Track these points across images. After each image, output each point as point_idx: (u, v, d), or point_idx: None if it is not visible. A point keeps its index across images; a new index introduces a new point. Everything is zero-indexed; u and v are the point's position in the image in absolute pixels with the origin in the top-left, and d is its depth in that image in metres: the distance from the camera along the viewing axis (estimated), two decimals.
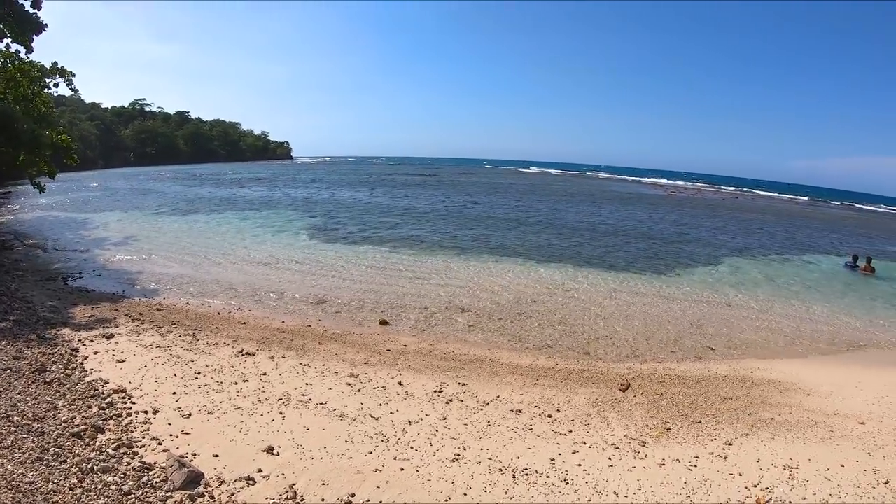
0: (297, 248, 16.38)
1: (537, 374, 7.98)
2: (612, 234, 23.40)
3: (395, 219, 24.05)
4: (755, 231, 28.87)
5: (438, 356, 8.51)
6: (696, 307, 12.48)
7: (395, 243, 17.79)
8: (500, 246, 18.33)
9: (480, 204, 32.52)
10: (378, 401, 6.58)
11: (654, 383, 7.94)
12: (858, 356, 10.16)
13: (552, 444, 5.81)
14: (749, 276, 16.52)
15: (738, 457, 5.79)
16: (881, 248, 26.24)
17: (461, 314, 10.63)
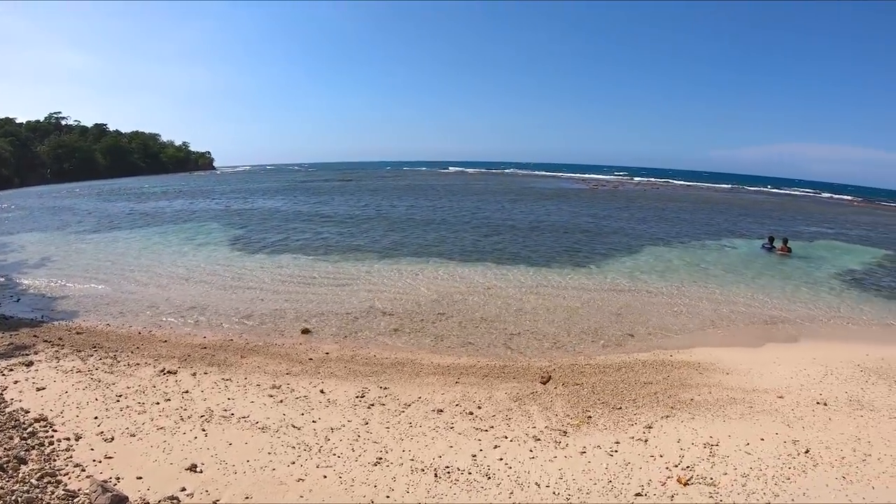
0: (219, 261, 18.39)
1: (459, 373, 9.26)
2: (533, 230, 26.89)
3: (315, 226, 27.06)
4: (674, 219, 33.69)
5: (360, 361, 9.81)
6: (616, 296, 14.59)
7: (316, 250, 20.19)
8: (420, 248, 21.00)
9: (399, 207, 37.08)
10: (300, 410, 7.55)
11: (575, 374, 9.26)
12: (776, 333, 12.23)
13: (473, 441, 6.74)
14: (668, 263, 19.34)
15: (659, 439, 6.84)
16: (796, 230, 31.35)
17: (383, 318, 12.32)
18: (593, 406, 8.05)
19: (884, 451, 6.90)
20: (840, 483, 6.08)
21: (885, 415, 8.05)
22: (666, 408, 8.01)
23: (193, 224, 28.87)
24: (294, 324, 11.89)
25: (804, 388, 9.02)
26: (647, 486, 5.89)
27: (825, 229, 33.89)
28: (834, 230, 33.72)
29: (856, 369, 10.07)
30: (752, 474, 6.17)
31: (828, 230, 33.50)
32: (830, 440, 7.11)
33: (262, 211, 35.29)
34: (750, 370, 9.81)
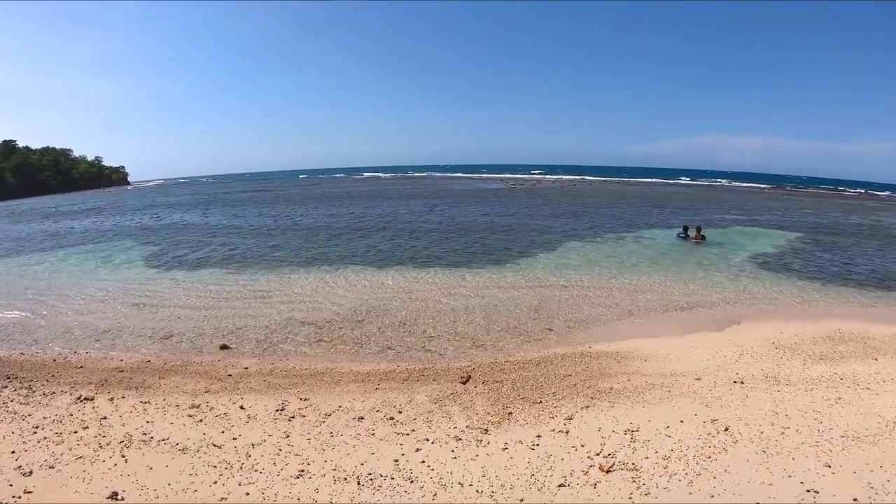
0: (134, 280, 18.15)
1: (379, 379, 9.41)
2: (451, 232, 27.58)
3: (230, 239, 27.12)
4: (590, 215, 35.14)
5: (280, 374, 9.86)
6: (534, 293, 15.09)
7: (232, 264, 20.16)
8: (336, 256, 21.21)
9: (314, 216, 37.27)
10: (220, 428, 7.51)
11: (495, 371, 9.51)
12: (692, 318, 12.88)
13: (395, 446, 6.85)
14: (584, 257, 20.21)
15: (580, 429, 7.06)
16: (710, 218, 33.37)
17: (301, 329, 12.44)
18: (514, 402, 8.24)
19: (801, 422, 7.32)
20: (760, 457, 6.39)
21: (801, 388, 8.57)
22: (586, 398, 8.26)
23: (107, 243, 28.32)
24: (212, 340, 11.91)
25: (721, 368, 9.52)
26: (569, 476, 6.05)
27: (737, 216, 36.19)
28: (745, 217, 36.03)
29: (770, 347, 10.69)
30: (673, 456, 6.41)
31: (740, 217, 35.78)
32: (749, 417, 7.48)
33: (177, 226, 35.00)
34: (667, 356, 10.24)
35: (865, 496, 5.63)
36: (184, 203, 56.95)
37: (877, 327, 12.12)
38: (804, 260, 21.05)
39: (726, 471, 6.09)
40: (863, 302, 15.16)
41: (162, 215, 43.25)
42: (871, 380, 9.00)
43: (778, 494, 5.63)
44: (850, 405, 7.95)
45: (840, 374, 9.28)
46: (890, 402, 8.08)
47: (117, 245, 27.34)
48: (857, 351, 10.55)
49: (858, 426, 7.28)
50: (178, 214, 42.95)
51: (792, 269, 19.16)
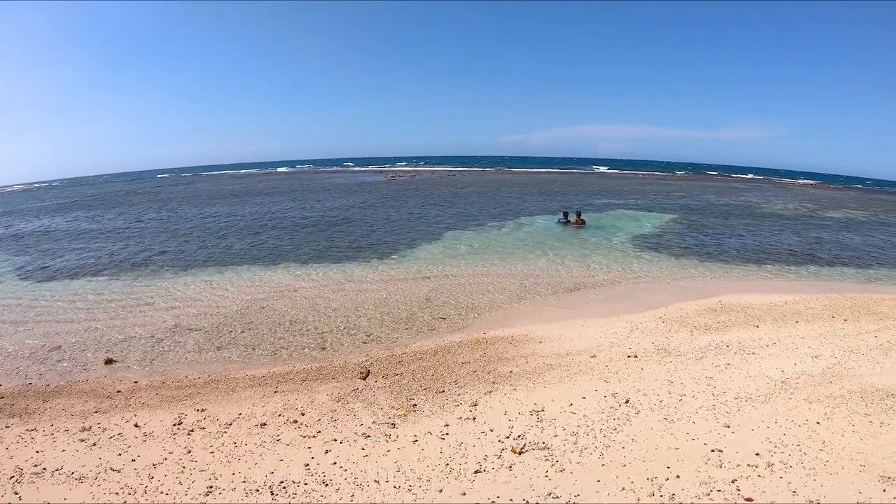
0: (5, 294, 16.83)
1: (276, 381, 9.20)
2: (333, 226, 27.48)
3: (103, 244, 25.56)
4: (472, 204, 36.14)
5: (172, 386, 9.40)
6: (422, 283, 15.33)
7: (109, 271, 19.06)
8: (218, 256, 20.60)
9: (188, 216, 35.75)
10: (117, 450, 7.07)
11: (394, 364, 9.58)
12: (579, 299, 13.53)
13: (304, 450, 6.72)
14: (470, 245, 20.79)
15: (486, 414, 7.24)
16: (588, 203, 35.25)
17: (189, 335, 11.97)
18: (416, 393, 8.32)
19: (696, 388, 7.88)
20: (663, 424, 6.81)
21: (691, 357, 9.21)
22: (487, 384, 8.47)
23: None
24: (96, 355, 11.27)
25: (614, 344, 10.05)
26: (484, 461, 6.17)
27: (614, 200, 38.36)
28: (622, 201, 38.29)
29: (658, 321, 11.39)
30: (581, 431, 6.72)
31: (617, 201, 37.93)
32: (646, 388, 7.96)
33: (45, 232, 32.45)
34: (561, 336, 10.67)
35: (765, 449, 6.13)
36: (50, 208, 52.82)
37: (754, 297, 13.21)
38: (680, 239, 22.71)
39: (633, 440, 6.43)
40: (738, 275, 16.56)
41: (32, 221, 40.62)
42: (755, 345, 9.79)
43: (685, 457, 6.00)
44: (739, 369, 8.62)
45: (726, 342, 10.02)
46: (775, 364, 8.84)
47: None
48: (738, 320, 11.42)
49: (749, 388, 7.91)
50: (45, 220, 40.33)
51: (669, 247, 20.62)
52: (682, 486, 5.53)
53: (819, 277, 17.02)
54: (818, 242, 23.27)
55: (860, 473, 5.72)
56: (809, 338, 10.36)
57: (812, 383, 8.16)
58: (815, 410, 7.23)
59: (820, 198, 49.87)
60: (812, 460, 5.95)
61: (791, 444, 6.27)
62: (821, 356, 9.35)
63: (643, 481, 5.62)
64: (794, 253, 20.59)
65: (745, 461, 5.94)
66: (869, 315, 11.98)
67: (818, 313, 12.05)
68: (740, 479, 5.60)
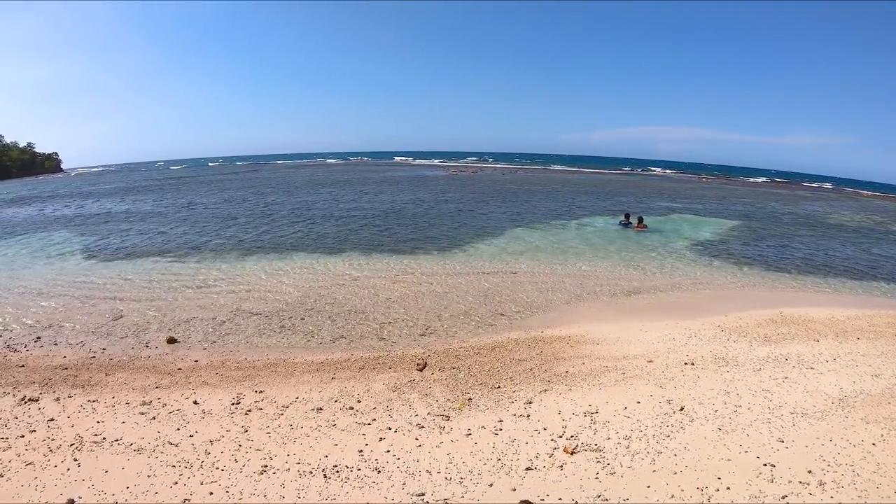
0: (73, 272, 17.42)
1: (334, 368, 9.37)
2: (395, 218, 27.81)
3: (169, 227, 26.45)
4: (533, 201, 35.91)
5: (232, 367, 9.65)
6: (482, 279, 15.36)
7: (176, 253, 19.68)
8: (281, 243, 21.08)
9: (262, 202, 36.78)
10: (175, 425, 7.30)
11: (451, 357, 9.66)
12: (639, 302, 13.34)
13: (358, 436, 6.84)
14: (530, 244, 20.70)
15: (540, 413, 7.27)
16: (649, 205, 34.66)
17: (250, 319, 12.27)
18: (472, 388, 8.39)
19: (751, 400, 7.74)
20: (717, 434, 6.74)
21: (749, 368, 9.03)
22: (543, 382, 8.51)
23: (42, 233, 27.02)
24: (159, 334, 11.61)
25: (671, 351, 9.92)
26: (535, 459, 6.22)
27: (676, 204, 37.54)
28: (684, 205, 37.37)
29: (717, 330, 11.17)
30: (633, 436, 6.70)
31: (678, 205, 37.08)
32: (702, 396, 7.86)
33: (113, 214, 33.72)
34: (619, 339, 10.59)
35: (818, 468, 6.01)
36: (111, 191, 54.95)
37: (815, 311, 12.80)
38: (742, 246, 22.13)
39: (686, 448, 6.39)
40: (800, 287, 16.05)
41: (97, 203, 41.81)
42: (815, 360, 9.54)
43: (737, 469, 5.94)
44: (797, 384, 8.43)
45: (785, 354, 9.79)
46: (833, 380, 8.60)
47: (53, 235, 26.22)
48: (799, 333, 11.13)
49: (806, 403, 7.73)
50: (106, 202, 41.61)
51: (731, 254, 20.12)
52: (732, 497, 5.49)
53: (885, 294, 16.37)
54: (885, 257, 22.32)
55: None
56: (871, 356, 10.04)
57: (870, 403, 7.93)
58: (871, 431, 7.03)
59: (889, 210, 47.55)
60: (864, 482, 5.82)
61: (844, 464, 6.14)
62: (881, 375, 9.06)
63: (693, 490, 5.60)
64: (859, 267, 19.84)
65: (797, 478, 5.85)
66: None
67: (881, 331, 11.63)
68: (790, 496, 5.52)
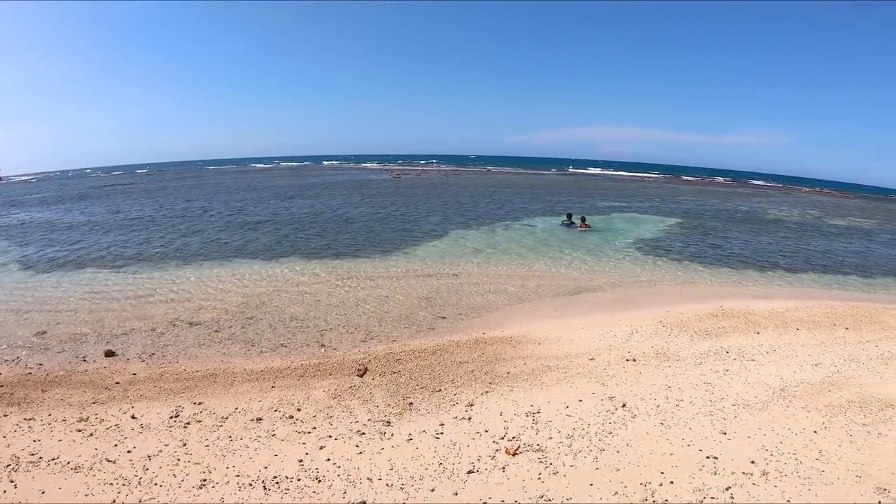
0: (7, 284, 16.82)
1: (274, 377, 9.27)
2: (337, 222, 27.60)
3: (106, 235, 25.50)
4: (476, 203, 36.13)
5: (170, 378, 9.46)
6: (424, 282, 15.37)
7: (114, 263, 19.05)
8: (222, 249, 20.72)
9: (199, 208, 35.72)
10: (113, 441, 7.11)
11: (391, 362, 9.60)
12: (581, 301, 13.53)
13: (298, 446, 6.75)
14: (472, 245, 20.75)
15: (482, 415, 7.25)
16: (592, 205, 35.25)
17: (190, 329, 12.06)
18: (413, 392, 8.35)
19: (693, 394, 7.87)
20: (659, 429, 6.81)
21: (690, 362, 9.20)
22: (484, 384, 8.49)
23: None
24: (96, 347, 11.33)
25: (613, 348, 10.06)
26: (477, 462, 6.19)
27: (619, 203, 38.33)
28: (626, 204, 38.23)
29: (658, 325, 11.38)
30: (576, 434, 6.72)
31: (621, 204, 37.90)
32: (644, 392, 7.95)
33: (47, 223, 32.51)
34: (560, 338, 10.68)
35: (761, 458, 6.11)
36: (51, 199, 52.82)
37: (755, 304, 13.19)
38: (683, 243, 22.73)
39: (628, 444, 6.43)
40: (739, 281, 16.55)
41: (28, 212, 40.53)
42: (755, 352, 9.79)
43: (680, 463, 5.99)
44: (738, 376, 8.61)
45: (725, 347, 10.01)
46: (774, 371, 8.84)
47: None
48: (739, 326, 11.41)
49: (747, 395, 7.90)
50: (46, 211, 40.27)
51: (672, 251, 20.62)
52: (676, 491, 5.51)
53: (822, 285, 17.04)
54: (822, 250, 23.30)
55: (856, 484, 5.70)
56: (810, 346, 10.36)
57: (811, 392, 8.15)
58: (812, 419, 7.21)
59: (826, 205, 49.90)
60: (808, 469, 5.93)
61: (787, 453, 6.26)
62: (821, 364, 9.35)
63: (636, 486, 5.62)
64: (798, 260, 20.62)
65: (741, 469, 5.92)
66: (871, 324, 11.98)
67: (820, 321, 12.04)
68: (734, 487, 5.58)
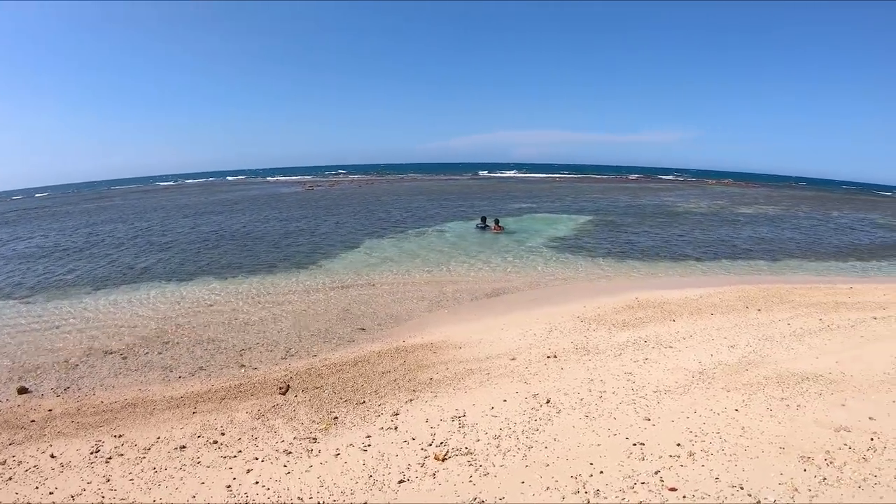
0: None
1: (195, 402, 8.99)
2: (250, 238, 27.11)
3: (14, 264, 24.14)
4: (391, 211, 36.31)
5: (88, 412, 9.08)
6: (341, 293, 15.29)
7: (19, 293, 18.04)
8: (133, 273, 19.95)
9: (105, 231, 34.14)
10: (34, 484, 6.77)
11: (314, 377, 9.50)
12: (499, 303, 13.77)
13: (225, 471, 6.58)
14: (388, 254, 20.83)
15: (408, 423, 7.25)
16: (506, 207, 36.01)
17: (105, 358, 11.61)
18: (337, 406, 8.29)
19: (615, 384, 8.10)
20: (585, 422, 6.96)
21: (610, 354, 9.47)
22: (408, 392, 8.50)
23: None
24: (8, 385, 10.77)
25: (533, 346, 10.24)
26: (407, 470, 6.18)
27: (532, 204, 39.33)
28: (539, 204, 39.27)
29: (577, 321, 11.65)
30: (503, 434, 6.78)
31: (534, 205, 38.91)
32: (567, 387, 8.12)
33: None
34: (481, 340, 10.80)
35: (686, 440, 6.36)
36: None
37: (670, 293, 13.71)
38: (596, 239, 23.52)
39: (555, 439, 6.54)
40: (653, 272, 17.26)
41: None
42: (672, 339, 10.17)
43: (608, 452, 6.12)
44: (658, 363, 8.92)
45: (644, 337, 10.35)
46: (692, 356, 9.22)
47: None
48: (655, 315, 11.82)
49: (668, 380, 8.18)
50: None
51: (586, 248, 21.29)
52: (606, 481, 5.62)
53: (733, 271, 18.04)
54: (730, 238, 24.55)
55: (780, 456, 5.98)
56: (725, 329, 10.84)
57: (729, 372, 8.51)
58: (733, 398, 7.52)
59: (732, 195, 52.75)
60: (732, 446, 6.18)
61: (711, 433, 6.51)
62: (736, 346, 9.80)
63: (567, 479, 5.70)
64: (708, 249, 21.70)
65: (667, 452, 6.11)
66: (781, 304, 12.65)
67: (732, 304, 12.64)
68: (663, 471, 5.75)
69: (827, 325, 11.20)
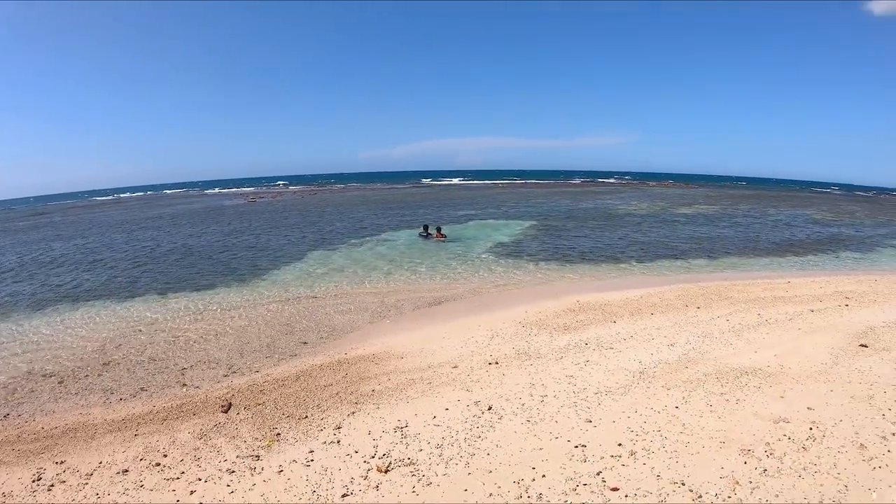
0: None
1: (137, 424, 8.81)
2: (189, 253, 26.62)
3: None
4: (332, 222, 36.10)
5: (28, 439, 8.83)
6: (283, 307, 15.17)
7: None
8: (72, 293, 19.31)
9: (41, 250, 32.42)
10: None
11: (256, 394, 9.42)
12: (441, 311, 13.83)
13: (168, 494, 6.49)
14: (330, 265, 20.75)
15: (351, 436, 7.26)
16: (448, 215, 36.16)
17: (44, 382, 11.29)
18: (279, 422, 8.23)
19: (557, 388, 8.25)
20: (526, 427, 7.07)
21: (551, 358, 9.63)
22: (350, 405, 8.50)
23: None
24: None
25: (475, 353, 10.35)
26: (350, 484, 6.19)
27: (474, 211, 39.66)
28: (482, 211, 39.68)
29: (518, 326, 11.80)
30: (445, 443, 6.86)
31: (477, 212, 39.22)
32: (508, 393, 8.23)
33: None
34: (423, 350, 10.87)
35: (627, 439, 6.53)
36: None
37: (610, 294, 14.01)
38: (538, 244, 23.85)
39: (498, 445, 6.63)
40: (594, 275, 17.60)
41: None
42: (613, 340, 10.42)
43: (550, 456, 6.25)
44: (598, 365, 9.11)
45: (584, 339, 10.55)
46: (632, 356, 9.46)
47: None
48: (596, 318, 12.05)
49: (609, 381, 8.38)
50: None
51: (528, 253, 21.55)
52: (549, 484, 5.74)
53: (672, 270, 18.55)
54: (670, 238, 25.21)
55: (721, 450, 6.19)
56: (665, 328, 11.13)
57: (669, 370, 8.77)
58: (673, 396, 7.75)
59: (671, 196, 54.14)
60: (673, 443, 6.37)
61: (652, 431, 6.69)
62: (676, 344, 10.10)
63: (510, 485, 5.79)
64: (648, 250, 22.24)
65: (609, 453, 6.26)
66: (720, 300, 13.05)
67: (672, 304, 12.97)
68: (605, 471, 5.89)
69: (765, 320, 11.63)
